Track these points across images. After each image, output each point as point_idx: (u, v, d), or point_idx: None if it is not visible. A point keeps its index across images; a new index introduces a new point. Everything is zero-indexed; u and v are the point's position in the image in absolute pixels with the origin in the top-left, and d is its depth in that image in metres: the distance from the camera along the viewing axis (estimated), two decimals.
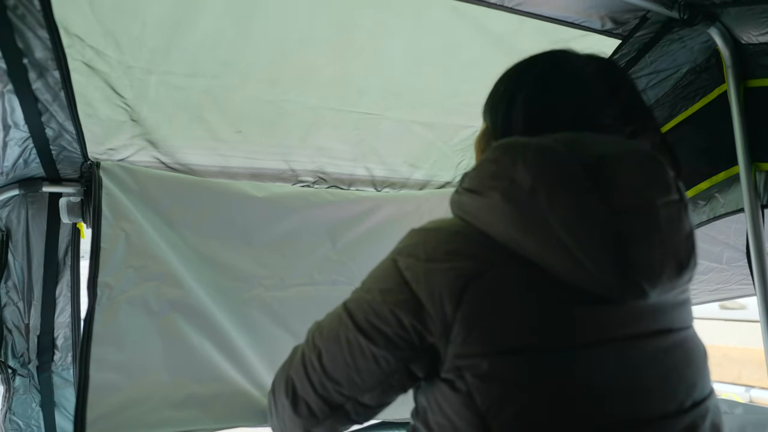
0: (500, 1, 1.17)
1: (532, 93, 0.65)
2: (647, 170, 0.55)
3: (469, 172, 0.63)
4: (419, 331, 0.56)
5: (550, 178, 0.53)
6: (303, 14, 1.13)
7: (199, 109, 1.29)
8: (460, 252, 0.56)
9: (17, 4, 0.90)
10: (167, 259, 1.33)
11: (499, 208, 0.55)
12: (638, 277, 0.52)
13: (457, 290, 0.53)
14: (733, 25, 1.31)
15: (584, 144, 0.56)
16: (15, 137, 1.19)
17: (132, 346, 1.23)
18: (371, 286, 0.62)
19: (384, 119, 1.50)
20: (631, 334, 0.55)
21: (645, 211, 0.53)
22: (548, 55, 0.69)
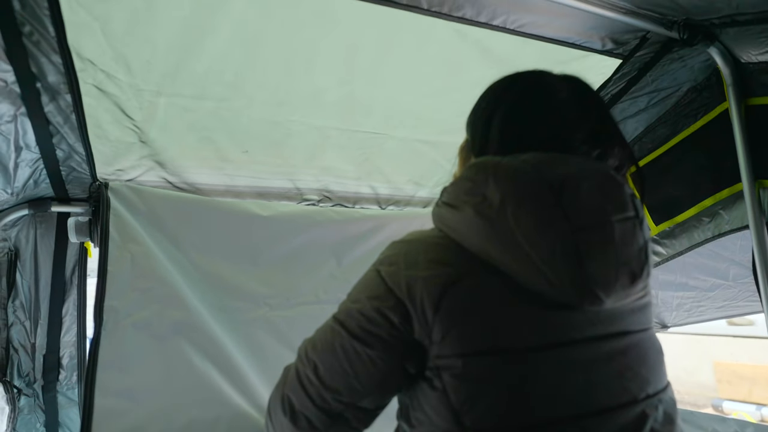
0: (503, 24, 1.19)
1: (508, 114, 0.69)
2: (605, 189, 0.61)
3: (447, 187, 0.68)
4: (408, 330, 0.60)
5: (517, 195, 0.59)
6: (309, 38, 1.16)
7: (206, 130, 1.32)
8: (438, 261, 0.61)
9: (32, 31, 0.92)
10: (173, 281, 1.33)
11: (471, 222, 0.60)
12: (594, 286, 0.57)
13: (435, 296, 0.58)
14: (733, 45, 1.32)
15: (550, 165, 0.61)
16: (26, 158, 1.21)
17: (137, 371, 1.23)
18: (358, 296, 0.65)
19: (388, 138, 1.52)
20: (589, 337, 0.60)
21: (600, 227, 0.58)
22: (527, 77, 0.73)
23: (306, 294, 1.53)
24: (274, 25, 1.10)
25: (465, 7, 1.12)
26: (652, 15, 1.23)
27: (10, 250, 1.41)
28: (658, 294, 2.06)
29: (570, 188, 0.59)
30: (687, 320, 2.19)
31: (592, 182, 0.60)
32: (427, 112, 1.48)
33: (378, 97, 1.38)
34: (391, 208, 1.80)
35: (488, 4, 1.14)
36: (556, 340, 0.58)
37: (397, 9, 1.07)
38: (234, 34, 1.09)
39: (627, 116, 1.63)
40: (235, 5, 1.03)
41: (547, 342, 0.58)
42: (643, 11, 1.22)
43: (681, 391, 5.46)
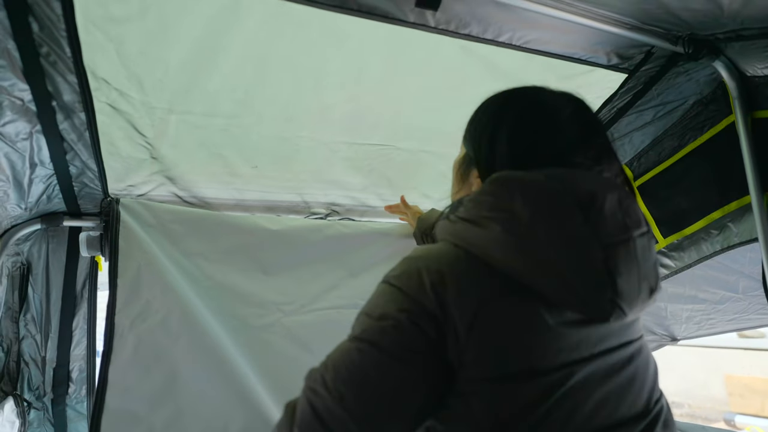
0: (508, 40, 1.21)
1: (514, 132, 0.69)
2: (624, 205, 0.62)
3: (462, 201, 0.66)
4: (443, 346, 0.57)
5: (548, 212, 0.58)
6: (318, 56, 1.18)
7: (216, 146, 1.34)
8: (466, 279, 0.59)
9: (50, 52, 0.95)
10: (182, 290, 1.35)
11: (499, 239, 0.59)
12: (621, 301, 0.58)
13: (468, 317, 0.56)
14: (738, 59, 1.33)
15: (574, 181, 0.61)
16: (40, 174, 1.23)
17: (147, 380, 1.24)
18: (384, 312, 0.59)
19: (395, 150, 1.54)
20: (604, 350, 0.60)
21: (625, 244, 0.59)
22: (528, 94, 0.73)
23: (321, 300, 1.53)
24: (284, 44, 1.12)
25: (471, 24, 1.14)
26: (656, 30, 1.24)
27: (23, 264, 1.42)
28: (668, 307, 2.04)
29: (597, 205, 0.59)
30: (697, 333, 2.17)
31: (613, 199, 0.61)
32: (433, 126, 1.49)
33: (385, 112, 1.40)
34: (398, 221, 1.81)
35: (494, 22, 1.15)
36: (579, 356, 0.58)
37: (404, 27, 1.09)
38: (245, 53, 1.11)
39: (633, 129, 1.64)
40: (247, 25, 1.05)
41: (571, 360, 0.57)
42: (648, 27, 1.23)
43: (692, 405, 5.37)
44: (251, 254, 1.47)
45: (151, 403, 1.22)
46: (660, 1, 1.06)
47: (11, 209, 1.27)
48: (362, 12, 1.04)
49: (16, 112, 1.05)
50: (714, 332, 2.16)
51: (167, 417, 1.23)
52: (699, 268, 1.75)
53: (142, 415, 1.19)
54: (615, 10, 1.16)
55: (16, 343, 1.41)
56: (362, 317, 0.62)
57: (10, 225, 1.32)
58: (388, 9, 1.05)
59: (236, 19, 1.03)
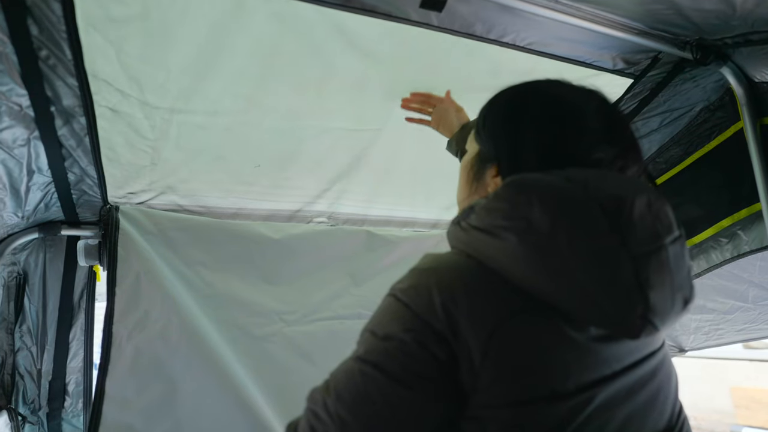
0: (512, 41, 1.19)
1: (537, 127, 0.64)
2: (654, 209, 0.56)
3: (474, 207, 0.61)
4: (454, 370, 0.52)
5: (570, 221, 0.53)
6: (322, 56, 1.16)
7: (219, 148, 1.31)
8: (480, 295, 0.54)
9: (49, 55, 0.93)
10: (182, 299, 1.32)
11: (515, 251, 0.54)
12: (653, 316, 0.53)
13: (483, 339, 0.51)
14: (746, 64, 1.32)
15: (597, 184, 0.56)
16: (38, 182, 1.21)
17: (145, 390, 1.21)
18: (388, 331, 0.55)
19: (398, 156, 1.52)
20: (628, 365, 0.57)
21: (657, 253, 0.54)
22: (550, 87, 0.69)
23: (323, 310, 1.51)
24: (288, 43, 1.10)
25: (475, 25, 1.13)
26: (664, 35, 1.23)
27: (19, 274, 1.40)
28: None
29: (624, 211, 0.54)
30: (705, 344, 2.13)
31: (643, 203, 0.56)
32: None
33: (389, 114, 1.38)
34: (400, 229, 1.79)
35: (498, 23, 1.14)
36: (602, 375, 0.54)
37: (408, 25, 1.08)
38: (249, 52, 1.10)
39: (639, 136, 1.62)
40: (252, 24, 1.04)
41: (594, 380, 0.53)
42: (655, 32, 1.21)
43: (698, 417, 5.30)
44: (253, 262, 1.44)
45: (149, 416, 1.19)
46: (671, 2, 1.05)
47: (8, 218, 1.25)
48: (365, 10, 1.03)
49: (14, 117, 1.03)
50: (722, 343, 2.12)
51: (167, 426, 1.20)
52: (708, 277, 1.72)
53: (139, 429, 1.16)
54: (622, 13, 1.15)
55: (11, 356, 1.37)
56: (366, 334, 0.57)
57: (7, 234, 1.30)
58: (392, 8, 1.04)
59: (238, 19, 1.02)
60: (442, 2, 1.03)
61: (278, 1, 0.96)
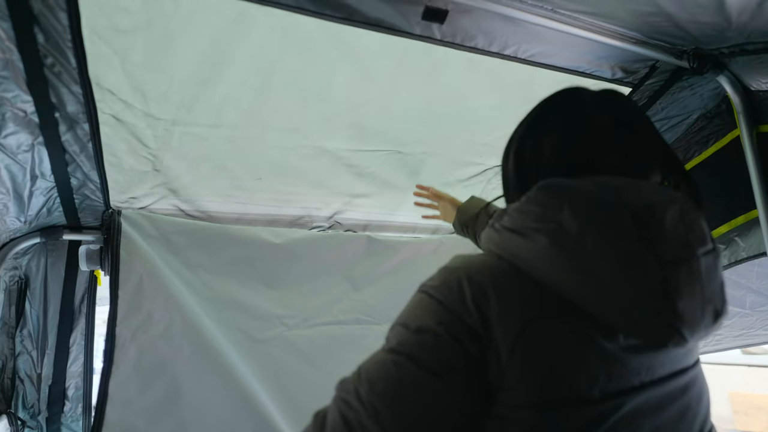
0: (514, 53, 1.21)
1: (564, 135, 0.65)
2: (688, 220, 0.56)
3: (507, 209, 0.61)
4: (483, 365, 0.53)
5: (598, 225, 0.54)
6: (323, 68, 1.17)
7: (221, 158, 1.33)
8: (510, 294, 0.54)
9: (55, 63, 0.94)
10: (184, 299, 1.33)
11: (546, 252, 0.54)
12: (681, 326, 0.53)
13: (511, 337, 0.52)
14: (742, 73, 1.33)
15: (628, 191, 0.56)
16: (41, 187, 1.22)
17: (147, 392, 1.22)
18: (421, 324, 0.55)
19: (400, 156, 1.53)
20: (657, 378, 0.56)
21: (688, 263, 0.54)
22: (570, 98, 0.69)
23: (324, 315, 1.52)
24: (291, 55, 1.11)
25: (477, 37, 1.14)
26: (661, 45, 1.24)
27: (20, 278, 1.40)
28: None
29: (655, 218, 0.54)
30: (703, 350, 2.14)
31: (675, 212, 0.56)
32: (438, 136, 1.49)
33: (389, 125, 1.39)
34: (400, 234, 1.80)
35: (500, 35, 1.15)
36: (630, 385, 0.53)
37: (410, 39, 1.09)
38: (251, 64, 1.11)
39: None
40: (254, 37, 1.05)
41: (622, 388, 0.53)
42: (652, 41, 1.23)
43: None
44: (253, 266, 1.45)
45: (153, 416, 1.19)
46: (667, 14, 1.06)
47: (10, 222, 1.25)
48: (369, 24, 1.04)
49: (18, 123, 1.04)
50: (720, 348, 2.13)
51: (170, 430, 1.21)
52: None
53: (143, 429, 1.17)
54: (620, 24, 1.16)
55: (12, 360, 1.38)
56: (398, 328, 0.57)
57: (9, 238, 1.30)
58: (395, 21, 1.05)
59: (242, 30, 1.03)
60: (444, 14, 1.04)
61: (280, 14, 0.97)
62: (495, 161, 1.65)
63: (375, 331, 1.54)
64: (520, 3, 1.06)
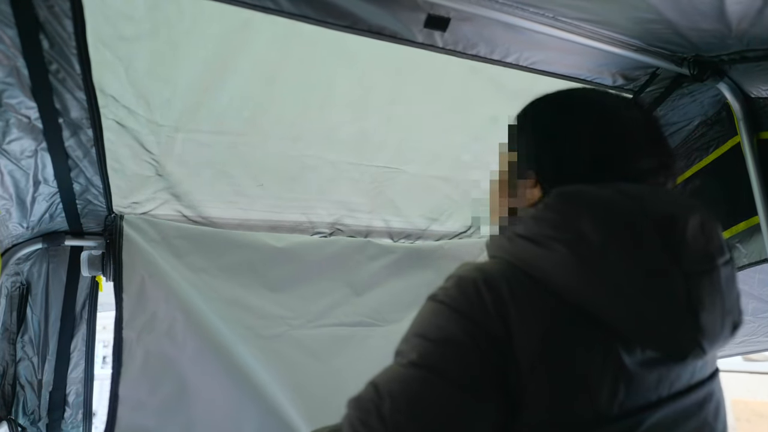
0: (515, 61, 1.21)
1: (584, 139, 0.62)
2: (708, 231, 0.55)
3: (521, 216, 0.59)
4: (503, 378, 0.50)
5: (622, 235, 0.52)
6: (325, 76, 1.18)
7: (223, 164, 1.33)
8: (527, 307, 0.52)
9: (59, 69, 0.95)
10: (187, 296, 1.33)
11: (566, 263, 0.52)
12: (702, 338, 0.51)
13: (529, 353, 0.50)
14: (742, 80, 1.34)
15: (650, 200, 0.55)
16: (43, 192, 1.22)
17: (157, 392, 1.23)
18: (445, 335, 0.51)
19: (401, 173, 1.53)
20: (675, 392, 0.54)
21: (710, 274, 0.53)
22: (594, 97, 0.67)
23: (327, 317, 1.52)
24: (293, 63, 1.12)
25: (479, 45, 1.15)
26: (661, 52, 1.25)
27: (22, 284, 1.40)
28: None
29: (677, 229, 0.53)
30: None
31: (696, 222, 0.54)
32: (440, 148, 1.49)
33: (391, 133, 1.40)
34: (402, 242, 1.80)
35: (502, 43, 1.16)
36: (648, 401, 0.52)
37: (413, 47, 1.10)
38: (253, 72, 1.12)
39: None
40: (256, 44, 1.06)
41: (641, 404, 0.51)
42: (653, 48, 1.24)
43: None
44: (256, 270, 1.47)
45: (162, 415, 1.20)
46: (668, 22, 1.07)
47: (13, 228, 1.25)
48: (372, 32, 1.04)
49: (23, 129, 1.04)
50: (722, 355, 2.12)
51: (179, 428, 1.22)
52: None
53: (154, 429, 1.18)
54: (621, 31, 1.17)
55: (13, 366, 1.37)
56: (415, 339, 0.54)
57: (11, 244, 1.31)
58: (397, 29, 1.06)
59: (246, 38, 1.04)
60: (446, 21, 1.05)
61: (283, 22, 0.97)
62: None
63: (378, 332, 1.53)
64: (522, 11, 1.06)
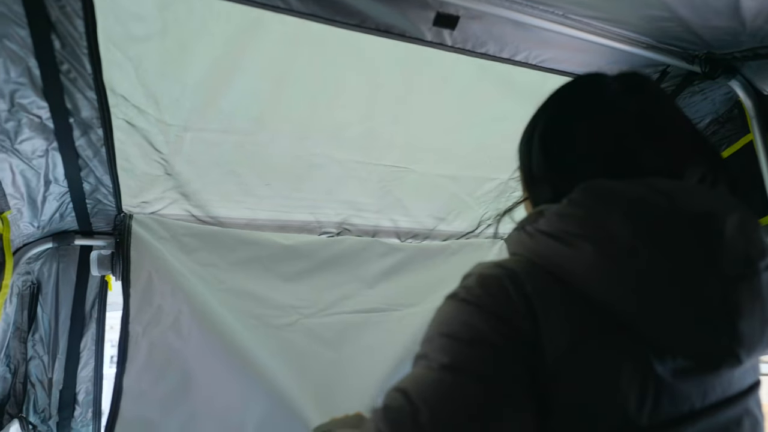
0: (525, 59, 1.20)
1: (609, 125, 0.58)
2: (748, 231, 0.51)
3: (544, 212, 0.55)
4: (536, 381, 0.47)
5: (653, 235, 0.49)
6: (334, 74, 1.18)
7: (231, 164, 1.33)
8: (553, 308, 0.49)
9: (70, 69, 0.95)
10: (193, 289, 1.34)
11: (592, 263, 0.49)
12: (739, 348, 0.48)
13: (556, 358, 0.47)
14: (755, 78, 1.32)
15: (684, 197, 0.51)
16: (54, 192, 1.23)
17: (160, 384, 1.24)
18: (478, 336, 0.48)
19: (409, 172, 1.53)
20: (710, 404, 0.51)
21: (749, 278, 0.49)
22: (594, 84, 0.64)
23: (339, 306, 1.52)
24: (301, 62, 1.12)
25: (488, 43, 1.14)
26: (673, 49, 1.24)
27: (33, 283, 1.41)
28: None
29: (715, 229, 0.49)
30: None
31: (734, 222, 0.50)
32: (448, 147, 1.49)
33: (399, 132, 1.40)
34: (410, 241, 1.79)
35: (511, 41, 1.15)
36: (680, 413, 0.49)
37: (422, 46, 1.09)
38: (262, 71, 1.12)
39: None
40: (265, 44, 1.06)
41: (672, 416, 0.48)
42: (664, 46, 1.22)
43: None
44: (266, 265, 1.47)
45: (165, 407, 1.21)
46: (680, 19, 1.06)
47: (24, 227, 1.26)
48: (380, 31, 1.04)
49: (34, 129, 1.05)
50: None
51: (182, 420, 1.22)
52: None
53: (156, 421, 1.19)
54: (631, 29, 1.16)
55: (24, 364, 1.38)
56: (442, 340, 0.50)
57: (22, 243, 1.31)
58: (406, 28, 1.05)
59: (255, 37, 1.04)
60: (455, 20, 1.05)
61: (292, 21, 0.97)
62: (508, 174, 1.64)
63: (394, 316, 1.52)
64: (531, 8, 1.06)
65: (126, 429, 1.15)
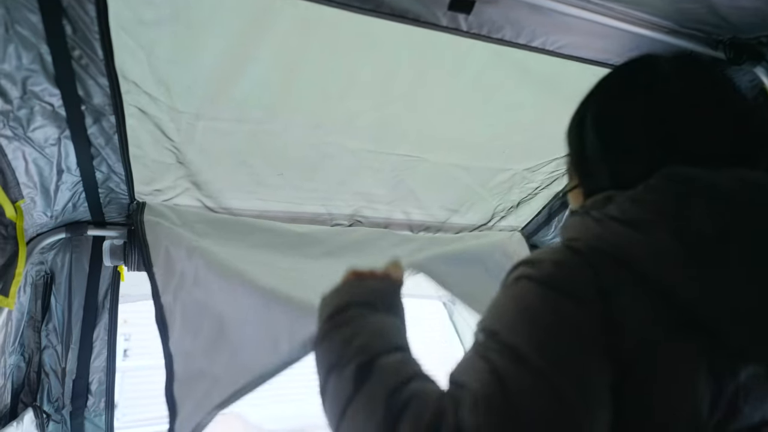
0: (542, 45, 1.17)
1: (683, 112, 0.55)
2: None
3: (613, 197, 0.53)
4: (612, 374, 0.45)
5: (739, 229, 0.46)
6: (347, 62, 1.16)
7: (242, 153, 1.32)
8: (628, 305, 0.46)
9: (82, 55, 0.94)
10: (206, 245, 1.35)
11: (668, 252, 0.46)
12: None
13: (628, 356, 0.45)
14: None
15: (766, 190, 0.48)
16: (67, 181, 1.23)
17: (199, 338, 1.27)
18: (551, 321, 0.45)
19: (422, 162, 1.51)
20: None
21: None
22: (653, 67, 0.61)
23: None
24: (314, 49, 1.10)
25: (504, 28, 1.11)
26: (696, 34, 1.20)
27: (46, 273, 1.42)
28: None
29: None
30: None
31: None
32: (461, 136, 1.46)
33: (413, 120, 1.37)
34: (422, 234, 1.77)
35: (528, 26, 1.12)
36: (750, 421, 0.46)
37: (437, 31, 1.07)
38: (275, 59, 1.10)
39: None
40: (277, 31, 1.04)
41: (742, 425, 0.46)
42: (686, 30, 1.19)
43: None
44: (279, 250, 1.47)
45: (209, 355, 1.26)
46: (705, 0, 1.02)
47: (37, 217, 1.26)
48: (395, 15, 1.02)
49: (46, 117, 1.05)
50: None
51: (225, 359, 1.26)
52: None
53: (205, 369, 1.24)
54: (653, 12, 1.12)
55: (38, 354, 1.39)
56: (514, 321, 0.46)
57: (36, 233, 1.32)
58: (421, 12, 1.03)
59: (267, 22, 1.02)
60: (471, 4, 1.02)
61: (305, 6, 0.95)
62: (522, 165, 1.61)
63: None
64: None
65: (183, 386, 1.21)
